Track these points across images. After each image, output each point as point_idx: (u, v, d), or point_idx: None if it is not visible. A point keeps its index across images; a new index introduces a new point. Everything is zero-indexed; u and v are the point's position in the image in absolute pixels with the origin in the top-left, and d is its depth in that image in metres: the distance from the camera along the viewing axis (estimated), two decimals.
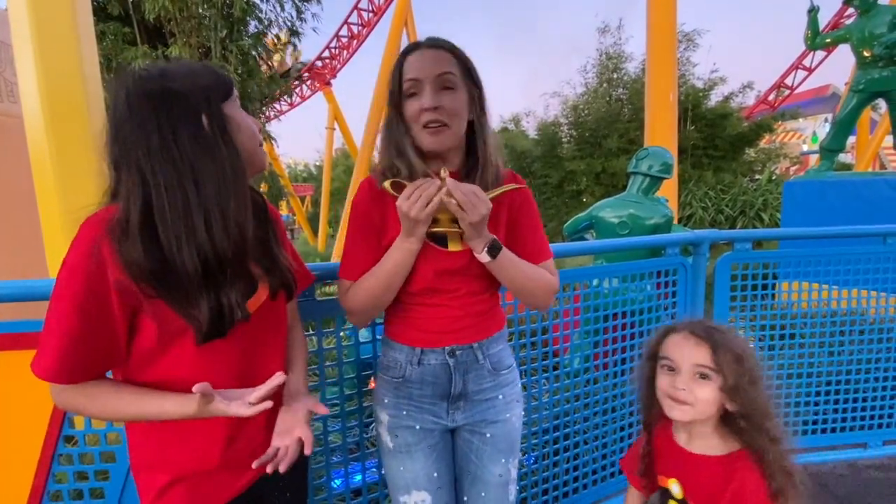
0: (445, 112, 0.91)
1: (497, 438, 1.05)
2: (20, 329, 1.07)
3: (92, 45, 2.40)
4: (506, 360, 1.07)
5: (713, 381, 0.88)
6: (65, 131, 2.24)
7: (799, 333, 2.11)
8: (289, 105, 16.97)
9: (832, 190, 4.13)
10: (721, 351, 0.87)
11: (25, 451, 1.11)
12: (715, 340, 0.88)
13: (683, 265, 1.85)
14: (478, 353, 1.02)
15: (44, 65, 2.19)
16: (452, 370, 1.01)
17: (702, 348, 0.88)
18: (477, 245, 0.92)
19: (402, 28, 11.02)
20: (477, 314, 1.02)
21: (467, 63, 0.95)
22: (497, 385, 1.05)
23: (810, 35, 4.66)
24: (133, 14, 6.13)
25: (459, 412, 1.04)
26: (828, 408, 2.14)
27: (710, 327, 0.91)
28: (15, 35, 2.21)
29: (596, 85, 11.65)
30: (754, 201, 8.90)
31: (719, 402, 0.89)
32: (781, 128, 13.75)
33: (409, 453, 1.04)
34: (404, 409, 1.04)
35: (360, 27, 14.86)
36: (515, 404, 1.08)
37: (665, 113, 5.40)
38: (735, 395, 0.87)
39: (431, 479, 1.04)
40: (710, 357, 0.87)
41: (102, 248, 0.69)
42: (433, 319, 1.01)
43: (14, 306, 1.06)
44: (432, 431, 1.04)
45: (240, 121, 0.79)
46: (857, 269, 2.08)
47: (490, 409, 1.05)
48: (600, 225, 2.63)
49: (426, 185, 0.87)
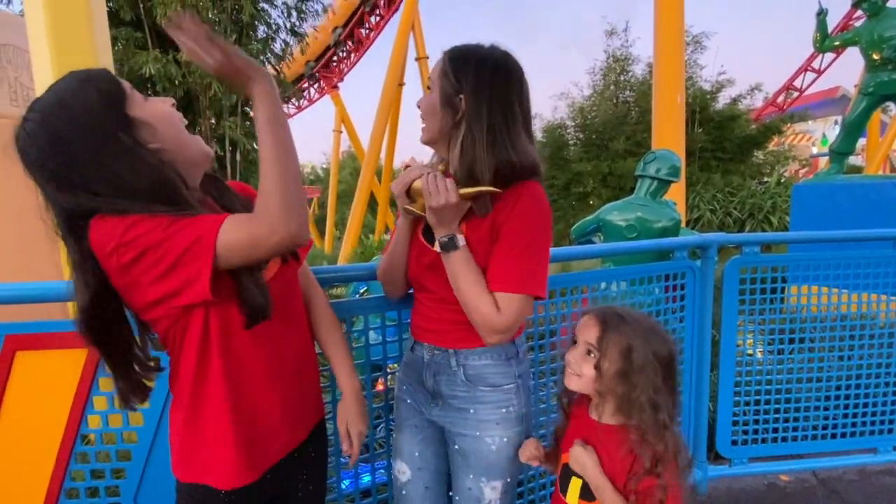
0: (422, 111, 0.99)
1: (465, 452, 1.03)
2: (39, 329, 1.10)
3: (107, 49, 2.44)
4: (490, 378, 1.01)
5: (595, 358, 0.95)
6: None
7: (808, 337, 2.10)
8: (296, 108, 17.10)
9: (842, 193, 4.09)
10: (608, 335, 0.93)
11: (43, 449, 1.13)
12: (608, 325, 0.94)
13: (692, 269, 1.84)
14: (452, 359, 1.02)
15: (60, 70, 2.23)
16: (425, 366, 1.06)
17: (595, 328, 0.95)
18: (437, 234, 0.95)
19: (409, 32, 11.09)
20: (455, 322, 0.99)
21: (448, 64, 0.95)
22: (472, 398, 1.02)
23: (819, 38, 4.63)
24: (144, 19, 6.22)
25: (437, 409, 1.06)
26: (837, 413, 2.12)
27: (616, 314, 0.96)
28: (32, 40, 2.26)
29: (603, 87, 11.63)
30: (763, 204, 8.84)
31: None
32: (790, 130, 13.64)
33: (400, 426, 1.14)
34: (404, 385, 1.14)
35: (367, 31, 14.95)
36: (493, 426, 1.01)
37: (672, 115, 5.39)
38: (602, 378, 0.93)
39: (413, 457, 1.11)
40: (596, 337, 0.94)
41: None
42: (418, 314, 1.09)
43: (28, 307, 1.09)
44: (420, 414, 1.10)
45: (148, 116, 0.76)
46: (866, 272, 2.07)
47: (461, 420, 1.03)
48: (608, 228, 2.63)
49: (412, 168, 0.98)
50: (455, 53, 0.96)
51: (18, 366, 1.09)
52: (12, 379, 1.09)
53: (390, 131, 12.03)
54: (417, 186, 0.94)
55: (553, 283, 1.57)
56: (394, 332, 1.37)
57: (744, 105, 11.10)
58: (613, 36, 11.31)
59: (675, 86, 5.41)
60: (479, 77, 0.92)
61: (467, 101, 0.92)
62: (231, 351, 0.80)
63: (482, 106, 0.91)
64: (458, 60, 0.94)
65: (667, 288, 1.83)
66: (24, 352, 1.09)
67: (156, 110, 0.78)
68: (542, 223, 0.94)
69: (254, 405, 0.84)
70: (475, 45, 0.96)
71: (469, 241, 0.94)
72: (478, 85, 0.92)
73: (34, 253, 2.78)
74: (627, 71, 11.34)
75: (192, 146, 0.83)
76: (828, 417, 2.12)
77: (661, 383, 0.92)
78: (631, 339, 0.92)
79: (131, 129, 0.74)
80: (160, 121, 0.78)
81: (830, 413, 2.12)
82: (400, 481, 1.13)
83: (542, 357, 1.59)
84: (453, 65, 0.94)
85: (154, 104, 0.79)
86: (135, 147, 0.73)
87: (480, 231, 0.94)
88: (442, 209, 0.90)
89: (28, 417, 1.12)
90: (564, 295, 1.61)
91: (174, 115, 0.81)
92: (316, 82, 16.23)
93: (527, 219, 0.92)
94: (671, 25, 5.36)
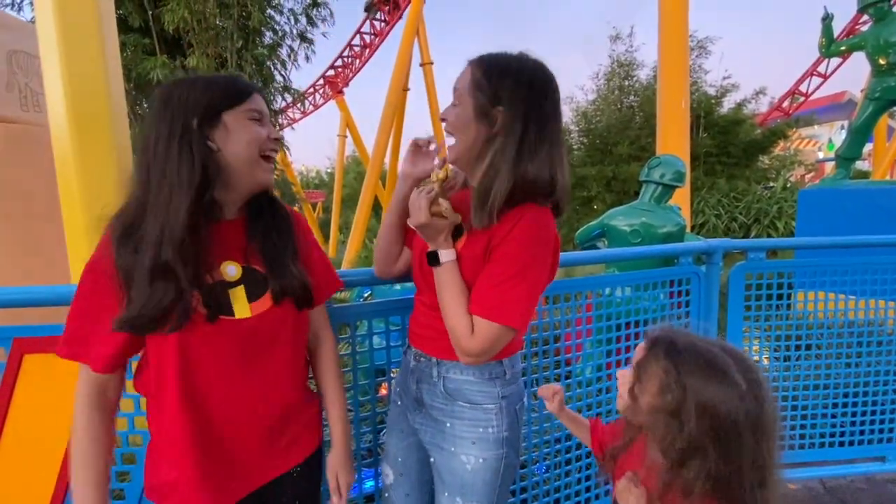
0: (450, 125, 0.93)
1: (439, 467, 1.01)
2: (47, 333, 1.11)
3: (116, 56, 2.47)
4: (469, 395, 0.97)
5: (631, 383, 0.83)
6: (89, 140, 2.30)
7: (815, 344, 2.08)
8: (302, 113, 17.20)
9: (848, 198, 4.07)
10: (647, 360, 0.79)
11: (50, 451, 1.14)
12: (652, 348, 0.80)
13: (697, 274, 1.84)
14: (434, 368, 1.01)
15: (70, 76, 2.26)
16: (410, 371, 1.07)
17: (642, 349, 0.84)
18: (429, 245, 0.94)
19: (414, 37, 11.15)
20: (443, 332, 0.94)
21: (482, 75, 0.89)
22: (449, 413, 0.99)
23: (825, 43, 4.62)
24: (153, 25, 6.28)
25: (420, 416, 1.05)
26: (845, 420, 2.10)
27: (669, 339, 0.79)
28: (42, 47, 2.29)
29: (607, 92, 11.63)
30: (768, 209, 8.78)
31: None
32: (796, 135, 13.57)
33: (390, 428, 1.14)
34: (398, 387, 1.14)
35: (372, 36, 15.06)
36: (468, 445, 0.96)
37: (677, 120, 5.38)
38: (636, 408, 0.79)
39: (396, 462, 1.11)
40: (637, 359, 0.82)
41: None
42: (414, 318, 1.09)
43: (36, 311, 1.10)
44: (406, 419, 1.09)
45: (236, 130, 0.82)
46: (874, 279, 2.05)
47: (438, 433, 1.01)
48: (612, 233, 2.62)
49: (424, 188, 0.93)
50: (488, 64, 0.90)
51: (26, 369, 1.11)
52: (20, 381, 1.10)
53: (395, 136, 12.07)
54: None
55: (556, 288, 1.57)
56: (397, 336, 1.37)
57: (749, 110, 11.06)
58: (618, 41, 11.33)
59: (679, 91, 5.41)
60: (517, 89, 0.88)
61: (504, 114, 0.88)
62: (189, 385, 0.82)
63: (518, 120, 0.87)
64: (492, 71, 0.89)
65: (671, 294, 1.82)
66: (32, 355, 1.11)
67: (247, 129, 0.83)
68: (538, 251, 0.88)
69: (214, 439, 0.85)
70: (505, 55, 0.92)
71: (463, 255, 0.92)
72: (515, 97, 0.88)
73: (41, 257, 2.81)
74: (632, 76, 11.34)
75: (259, 174, 0.86)
76: (835, 425, 2.10)
77: (713, 449, 0.70)
78: (673, 375, 0.74)
79: (209, 124, 0.80)
80: (239, 139, 0.83)
81: (838, 420, 2.10)
82: (385, 483, 1.15)
83: (545, 363, 1.59)
84: (488, 76, 0.89)
85: (251, 125, 0.84)
86: (198, 136, 0.79)
87: (477, 247, 0.90)
88: (421, 227, 0.90)
89: (35, 420, 1.13)
90: (568, 300, 1.60)
91: (255, 140, 0.84)
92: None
93: (522, 244, 0.86)
94: (676, 30, 5.36)
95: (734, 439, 0.70)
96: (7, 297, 1.10)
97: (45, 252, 2.78)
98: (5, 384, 1.10)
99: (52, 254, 2.72)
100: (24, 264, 2.78)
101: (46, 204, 2.66)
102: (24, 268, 2.77)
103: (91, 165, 2.30)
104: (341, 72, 16.11)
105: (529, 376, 1.56)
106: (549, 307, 1.61)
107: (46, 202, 2.64)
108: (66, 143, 2.29)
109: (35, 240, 2.83)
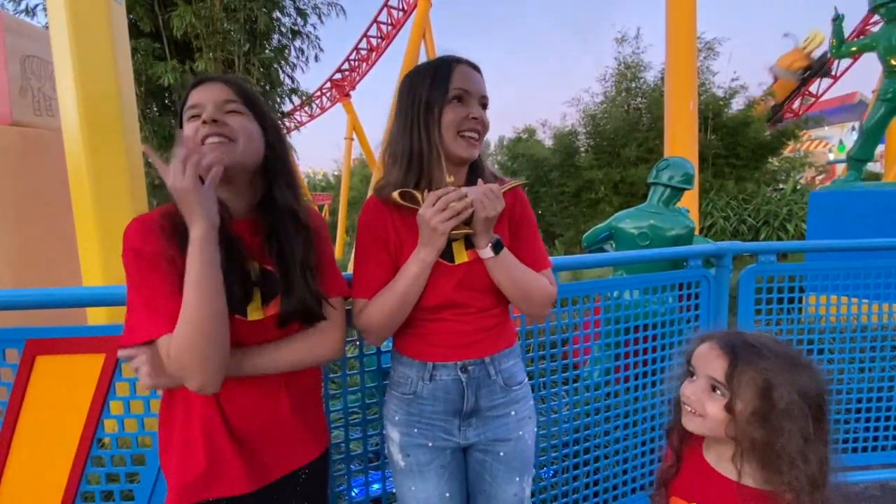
0: (483, 126, 0.99)
1: (510, 457, 1.03)
2: (58, 334, 1.12)
3: (128, 61, 2.50)
4: (518, 376, 1.06)
5: (725, 397, 0.80)
6: (101, 144, 2.34)
7: (827, 348, 2.05)
8: (309, 116, 17.29)
9: (860, 200, 4.02)
10: (740, 369, 0.78)
11: (61, 452, 1.15)
12: (738, 356, 0.79)
13: (706, 277, 1.82)
14: (490, 367, 1.01)
15: (82, 81, 2.29)
16: (465, 386, 0.99)
17: (720, 360, 0.80)
18: (482, 241, 0.95)
19: (421, 41, 11.18)
20: (487, 329, 1.01)
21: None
22: (509, 401, 1.04)
23: (835, 43, 4.57)
24: (163, 30, 6.36)
25: (472, 429, 1.02)
26: (858, 426, 2.07)
27: (747, 343, 0.80)
28: (56, 52, 2.33)
29: (614, 94, 11.58)
30: (778, 211, 8.68)
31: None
32: (806, 136, 13.41)
33: (422, 473, 1.01)
34: (415, 427, 1.02)
35: (379, 40, 15.12)
36: (528, 421, 1.06)
37: (685, 122, 5.36)
38: (737, 422, 0.78)
39: (444, 499, 1.01)
40: (723, 371, 0.79)
41: None
42: (445, 334, 0.99)
43: (48, 312, 1.11)
44: (444, 450, 1.02)
45: None
46: (887, 282, 2.02)
47: (502, 427, 1.03)
48: (620, 236, 2.61)
49: (450, 194, 0.89)
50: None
51: (38, 370, 1.11)
52: (32, 382, 1.11)
53: None
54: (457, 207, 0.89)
55: (565, 291, 1.56)
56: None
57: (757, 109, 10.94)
58: (624, 43, 11.28)
59: (687, 92, 5.38)
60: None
61: None
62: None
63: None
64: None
65: (680, 297, 1.81)
66: (44, 356, 1.12)
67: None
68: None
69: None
70: None
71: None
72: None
73: (53, 260, 2.84)
74: (639, 78, 11.28)
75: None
76: (848, 431, 2.07)
77: (812, 430, 0.74)
78: (770, 374, 0.76)
79: None
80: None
81: (851, 426, 2.07)
82: None
83: (553, 366, 1.58)
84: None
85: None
86: None
87: (501, 227, 1.02)
88: (497, 216, 0.94)
89: (47, 420, 1.14)
90: (576, 303, 1.60)
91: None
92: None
93: (530, 210, 1.09)
94: (683, 32, 5.34)
95: (823, 415, 0.77)
96: (20, 299, 1.11)
97: (58, 255, 2.82)
98: (18, 385, 1.11)
99: (64, 256, 2.75)
100: (37, 267, 2.81)
101: (59, 207, 2.70)
102: (37, 270, 2.80)
103: (103, 169, 2.33)
104: (348, 75, 16.20)
105: (537, 380, 1.55)
106: (557, 311, 1.60)
107: (59, 206, 2.67)
108: (79, 147, 2.32)
109: (48, 243, 2.87)
